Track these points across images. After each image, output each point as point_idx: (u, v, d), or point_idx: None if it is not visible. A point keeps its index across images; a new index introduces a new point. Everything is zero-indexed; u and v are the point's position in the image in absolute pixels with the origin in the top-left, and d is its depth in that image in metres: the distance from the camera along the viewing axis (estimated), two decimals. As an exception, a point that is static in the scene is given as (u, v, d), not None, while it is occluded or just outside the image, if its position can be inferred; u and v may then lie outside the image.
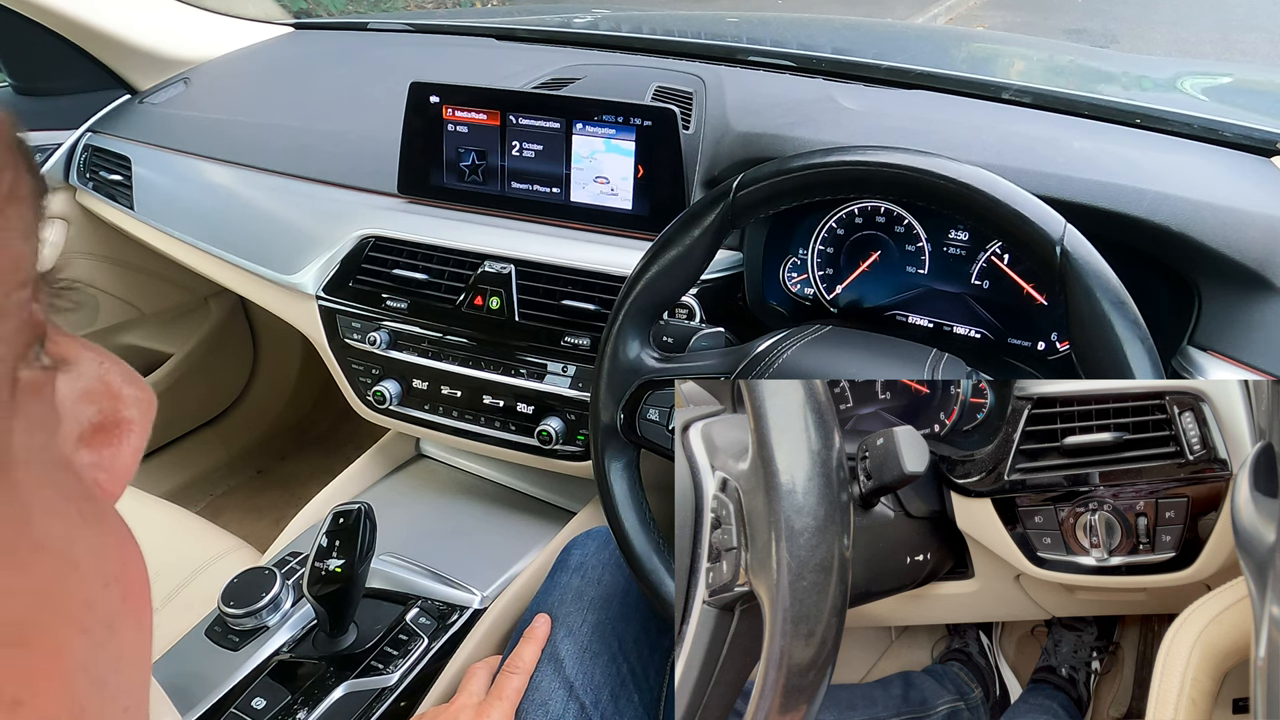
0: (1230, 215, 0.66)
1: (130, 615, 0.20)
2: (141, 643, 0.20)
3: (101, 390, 0.21)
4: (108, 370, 0.22)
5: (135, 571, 0.20)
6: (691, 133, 0.87)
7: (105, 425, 0.21)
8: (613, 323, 0.65)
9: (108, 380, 0.22)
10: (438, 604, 0.83)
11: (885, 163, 0.55)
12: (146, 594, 0.21)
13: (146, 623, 0.21)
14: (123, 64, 1.27)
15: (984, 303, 0.79)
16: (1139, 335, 0.49)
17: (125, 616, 0.19)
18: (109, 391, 0.22)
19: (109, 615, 0.19)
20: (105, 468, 0.21)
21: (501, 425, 0.91)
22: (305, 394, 1.77)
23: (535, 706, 0.67)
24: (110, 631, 0.19)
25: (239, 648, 0.76)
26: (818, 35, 1.49)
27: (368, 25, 1.45)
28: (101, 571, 0.19)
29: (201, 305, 1.54)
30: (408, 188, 0.93)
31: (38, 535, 0.17)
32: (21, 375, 0.17)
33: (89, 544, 0.19)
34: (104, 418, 0.21)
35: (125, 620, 0.19)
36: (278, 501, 1.63)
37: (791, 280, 0.87)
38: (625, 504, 0.66)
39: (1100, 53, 2.33)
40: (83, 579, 0.18)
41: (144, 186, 1.14)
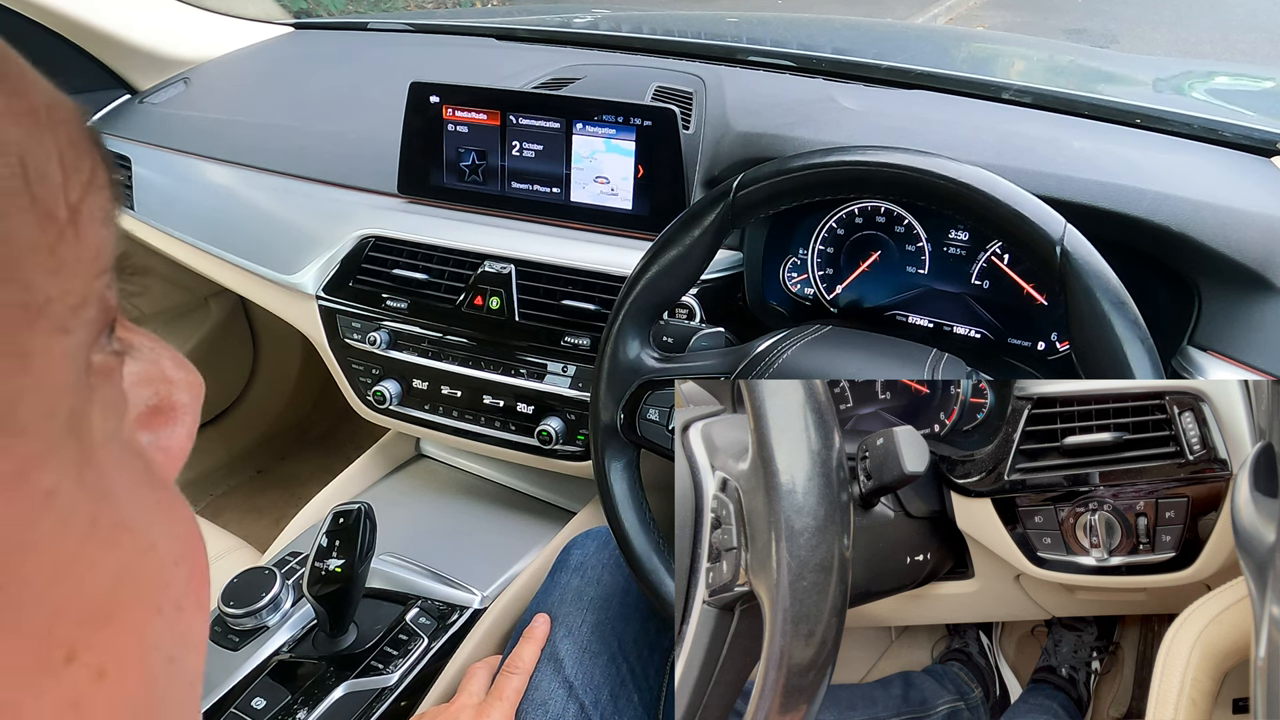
0: (1230, 215, 0.66)
1: (195, 595, 0.20)
2: (203, 623, 0.21)
3: (156, 375, 0.22)
4: (160, 355, 0.22)
5: (199, 553, 0.21)
6: (691, 133, 0.87)
7: (161, 408, 0.22)
8: (613, 323, 0.65)
9: (161, 365, 0.22)
10: (438, 604, 0.83)
11: (885, 163, 0.55)
12: (207, 575, 0.21)
13: (206, 604, 0.21)
14: (123, 64, 1.27)
15: (984, 303, 0.79)
16: (1139, 335, 0.49)
17: (191, 596, 0.20)
18: (163, 376, 0.22)
19: (178, 595, 0.19)
20: (162, 448, 0.21)
21: (501, 425, 0.91)
22: (305, 394, 1.77)
23: (535, 706, 0.67)
24: (179, 611, 0.19)
25: (239, 648, 0.76)
26: (818, 35, 1.49)
27: (368, 25, 1.45)
28: (173, 552, 0.19)
29: (201, 305, 1.54)
30: (408, 188, 0.93)
31: (118, 513, 0.17)
32: (95, 359, 0.18)
33: (163, 525, 0.19)
34: (160, 401, 0.22)
35: (191, 600, 0.20)
36: (278, 501, 1.63)
37: (791, 280, 0.87)
38: (625, 504, 0.66)
39: (1100, 53, 2.33)
40: (159, 559, 0.19)
41: (144, 186, 1.14)
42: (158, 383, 0.22)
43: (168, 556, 0.19)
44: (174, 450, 0.22)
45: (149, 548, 0.18)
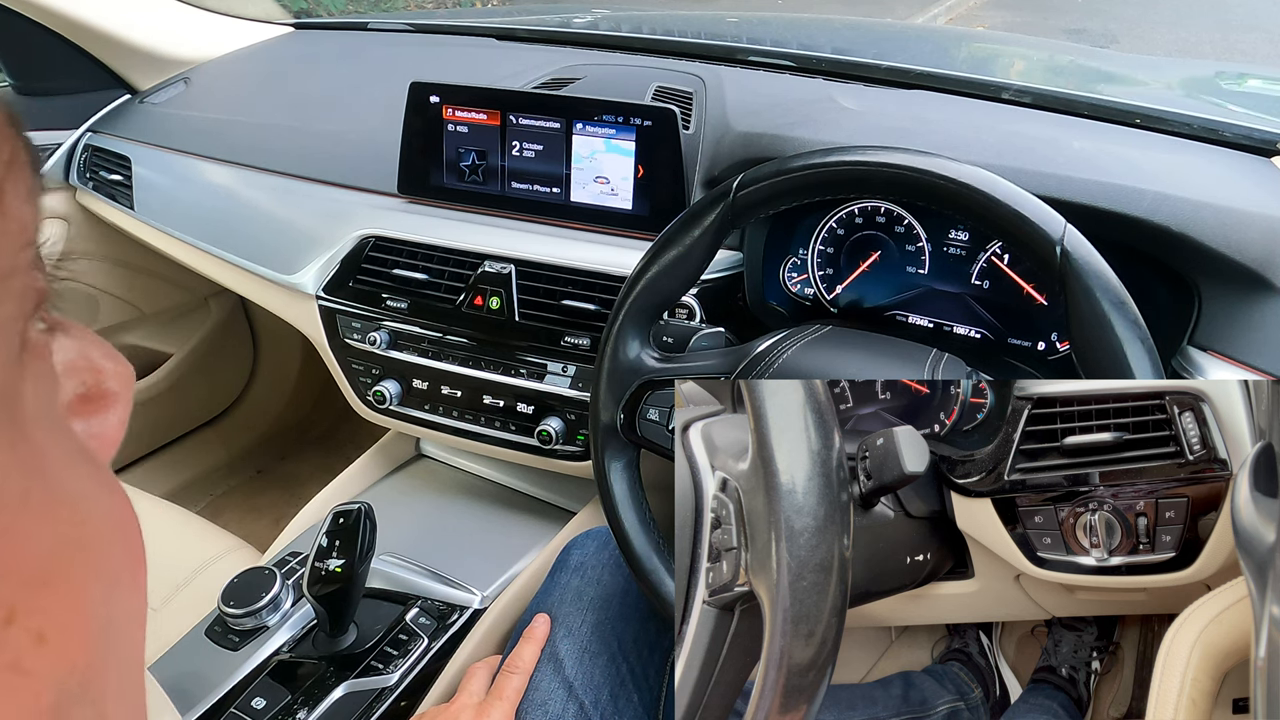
0: (1230, 215, 0.66)
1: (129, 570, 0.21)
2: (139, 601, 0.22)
3: (84, 365, 0.22)
4: (88, 345, 0.23)
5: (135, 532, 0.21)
6: (691, 133, 0.87)
7: (91, 396, 0.22)
8: (613, 323, 0.65)
9: (89, 354, 0.23)
10: (438, 604, 0.83)
11: (885, 163, 0.55)
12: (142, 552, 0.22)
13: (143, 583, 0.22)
14: (123, 64, 1.27)
15: (984, 303, 0.79)
16: (1139, 335, 0.49)
17: (126, 571, 0.20)
18: (91, 366, 0.23)
19: (114, 568, 0.20)
20: (94, 434, 0.22)
21: (501, 425, 0.91)
22: (305, 394, 1.77)
23: (535, 706, 0.67)
24: (115, 584, 0.20)
25: (239, 648, 0.76)
26: (818, 35, 1.49)
27: (368, 25, 1.45)
28: (108, 527, 0.20)
29: (201, 305, 1.54)
30: (408, 188, 0.93)
31: (53, 484, 0.18)
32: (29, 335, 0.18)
33: (97, 499, 0.20)
34: (89, 390, 0.22)
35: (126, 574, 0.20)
36: (278, 501, 1.63)
37: (791, 280, 0.87)
38: (625, 504, 0.66)
39: (1100, 53, 2.33)
40: (94, 530, 0.19)
41: (144, 186, 1.14)
42: (85, 372, 0.22)
43: (104, 529, 0.20)
44: (107, 437, 0.22)
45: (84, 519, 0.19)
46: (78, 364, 0.22)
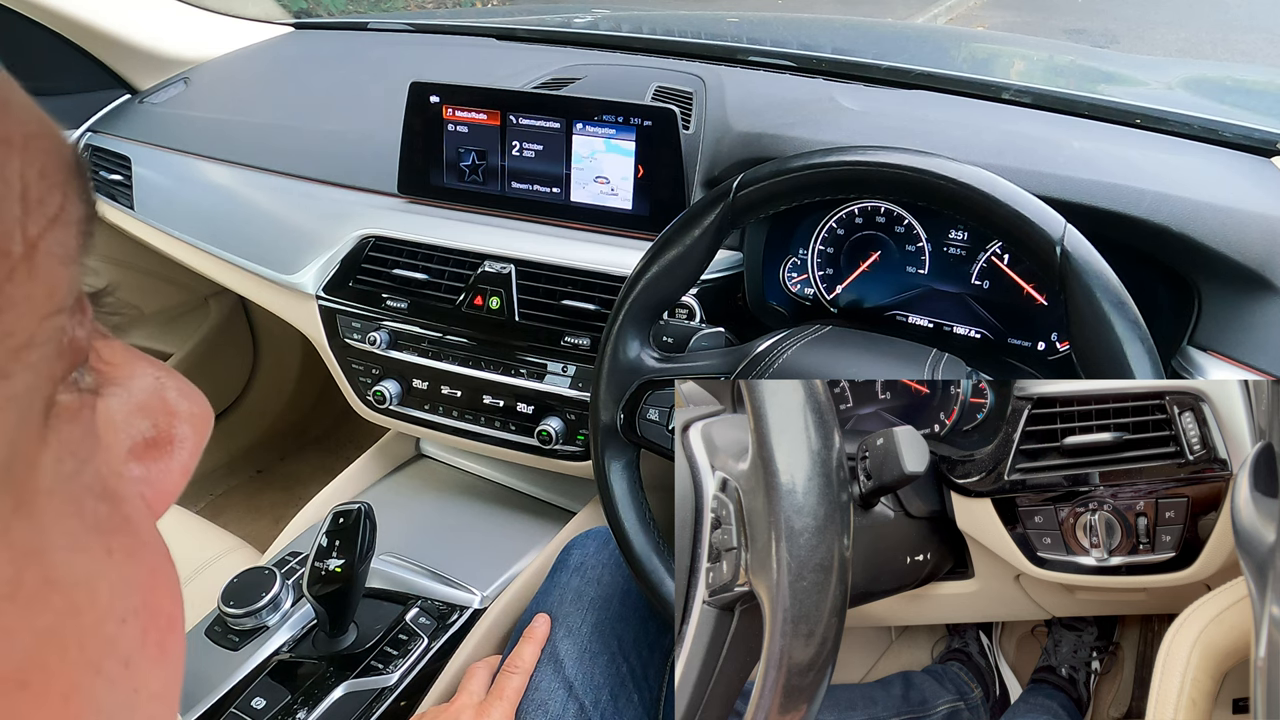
0: (1230, 215, 0.66)
1: (151, 649, 0.19)
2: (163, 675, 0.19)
3: (157, 405, 0.21)
4: (164, 385, 0.21)
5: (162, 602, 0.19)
6: (691, 133, 0.87)
7: (159, 441, 0.21)
8: (613, 322, 0.65)
9: (164, 395, 0.21)
10: (438, 604, 0.83)
11: (885, 163, 0.55)
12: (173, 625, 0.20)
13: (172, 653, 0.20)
14: (123, 64, 1.27)
15: (984, 303, 0.79)
16: (1139, 335, 0.49)
17: (145, 649, 0.19)
18: (164, 407, 0.21)
19: (126, 651, 0.18)
20: (152, 483, 0.20)
21: (501, 425, 0.91)
22: (305, 394, 1.77)
23: (535, 706, 0.67)
24: (127, 667, 0.18)
25: (239, 647, 0.76)
26: (818, 35, 1.49)
27: (368, 25, 1.45)
28: (121, 607, 0.18)
29: (201, 305, 1.54)
30: (408, 188, 0.93)
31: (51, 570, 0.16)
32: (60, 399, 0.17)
33: (113, 578, 0.18)
34: (158, 433, 0.21)
35: (144, 654, 0.19)
36: (278, 501, 1.63)
37: (791, 280, 0.87)
38: (625, 504, 0.66)
39: (1100, 53, 2.32)
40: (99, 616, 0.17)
41: (144, 186, 1.14)
42: (158, 414, 0.21)
43: (111, 613, 0.18)
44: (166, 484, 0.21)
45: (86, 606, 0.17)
46: (150, 404, 0.21)
